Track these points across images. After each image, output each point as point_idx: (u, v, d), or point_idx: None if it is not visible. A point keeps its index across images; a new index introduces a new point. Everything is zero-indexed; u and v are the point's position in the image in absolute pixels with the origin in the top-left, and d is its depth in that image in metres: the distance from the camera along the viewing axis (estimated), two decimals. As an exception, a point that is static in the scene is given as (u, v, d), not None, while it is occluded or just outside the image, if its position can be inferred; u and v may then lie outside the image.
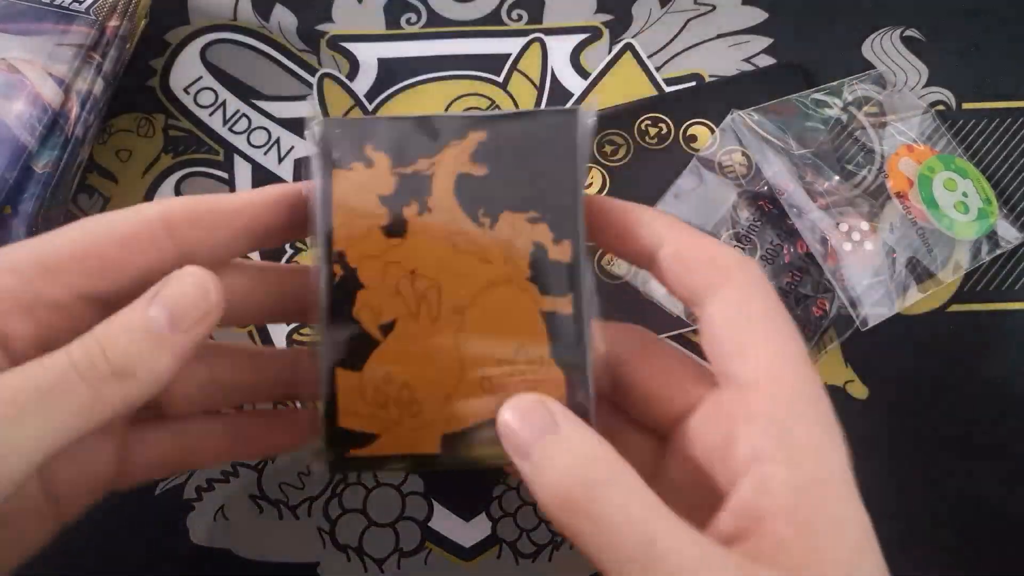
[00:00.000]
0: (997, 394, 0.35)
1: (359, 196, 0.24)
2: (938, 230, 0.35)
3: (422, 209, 0.23)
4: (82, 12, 0.35)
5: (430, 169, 0.24)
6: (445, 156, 0.24)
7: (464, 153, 0.24)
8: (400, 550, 0.33)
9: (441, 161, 0.24)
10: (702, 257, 0.23)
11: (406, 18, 0.41)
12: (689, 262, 0.23)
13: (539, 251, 0.23)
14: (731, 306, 0.23)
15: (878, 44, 0.40)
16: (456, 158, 0.24)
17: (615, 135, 0.38)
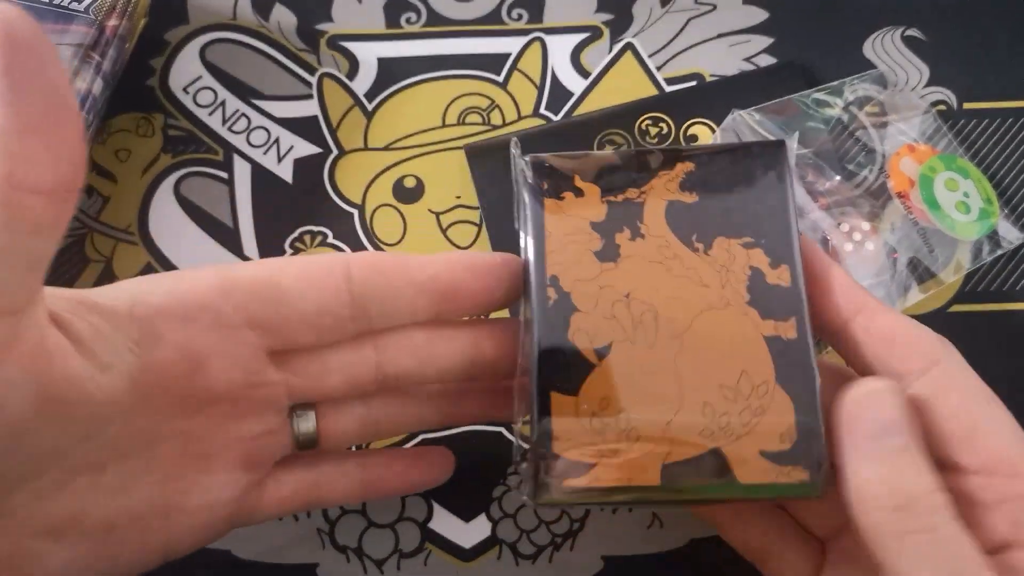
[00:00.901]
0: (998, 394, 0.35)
1: (571, 223, 0.24)
2: (939, 230, 0.35)
3: (634, 235, 0.23)
4: (81, 11, 0.35)
5: (640, 197, 0.24)
6: (654, 185, 0.24)
7: (673, 182, 0.24)
8: (400, 551, 0.33)
9: (650, 189, 0.24)
10: (902, 335, 0.23)
11: (406, 17, 0.41)
12: (886, 337, 0.23)
13: (757, 275, 0.23)
14: (944, 392, 0.22)
15: (879, 44, 0.40)
16: (665, 187, 0.24)
17: (615, 135, 0.38)
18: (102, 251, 0.37)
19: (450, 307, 0.25)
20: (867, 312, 0.23)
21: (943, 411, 0.22)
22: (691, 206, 0.24)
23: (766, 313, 0.23)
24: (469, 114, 0.39)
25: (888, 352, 0.23)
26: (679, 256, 0.23)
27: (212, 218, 0.37)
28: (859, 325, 0.23)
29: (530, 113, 0.39)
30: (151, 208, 0.38)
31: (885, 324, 0.23)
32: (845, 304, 0.23)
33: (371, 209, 0.38)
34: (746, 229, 0.23)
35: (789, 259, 0.23)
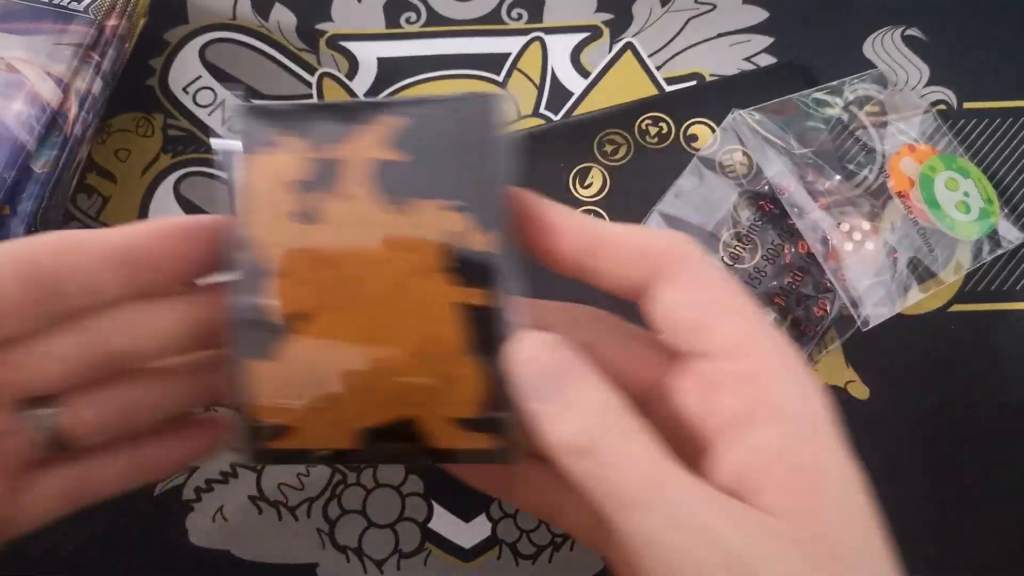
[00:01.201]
0: (999, 394, 0.35)
1: (273, 181, 0.23)
2: (939, 230, 0.35)
3: (336, 195, 0.23)
4: (81, 11, 0.35)
5: (346, 154, 0.23)
6: (362, 141, 0.23)
7: (381, 138, 0.23)
8: (400, 551, 0.33)
9: (357, 146, 0.23)
10: (639, 249, 0.23)
11: (405, 17, 0.41)
12: (626, 257, 0.23)
13: (459, 240, 0.22)
14: (684, 287, 0.22)
15: (879, 43, 0.40)
16: (373, 143, 0.23)
17: (615, 134, 0.38)
18: (102, 251, 0.37)
19: (150, 276, 0.24)
20: (601, 242, 0.23)
21: (684, 303, 0.22)
22: (397, 165, 0.23)
23: (465, 280, 0.22)
24: (469, 114, 0.39)
25: (630, 268, 0.23)
26: (381, 218, 0.22)
27: (212, 218, 0.37)
28: (599, 259, 0.23)
29: (530, 113, 0.39)
30: (151, 208, 0.38)
31: (619, 247, 0.23)
32: (575, 243, 0.23)
33: (371, 209, 0.38)
34: (452, 191, 0.22)
35: (493, 223, 0.22)
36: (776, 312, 0.35)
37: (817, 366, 0.35)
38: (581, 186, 0.37)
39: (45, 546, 0.33)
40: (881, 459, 0.34)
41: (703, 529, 0.19)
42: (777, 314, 0.35)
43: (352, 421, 0.23)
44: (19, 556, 0.32)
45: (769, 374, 0.21)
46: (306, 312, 0.22)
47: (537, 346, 0.21)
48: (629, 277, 0.23)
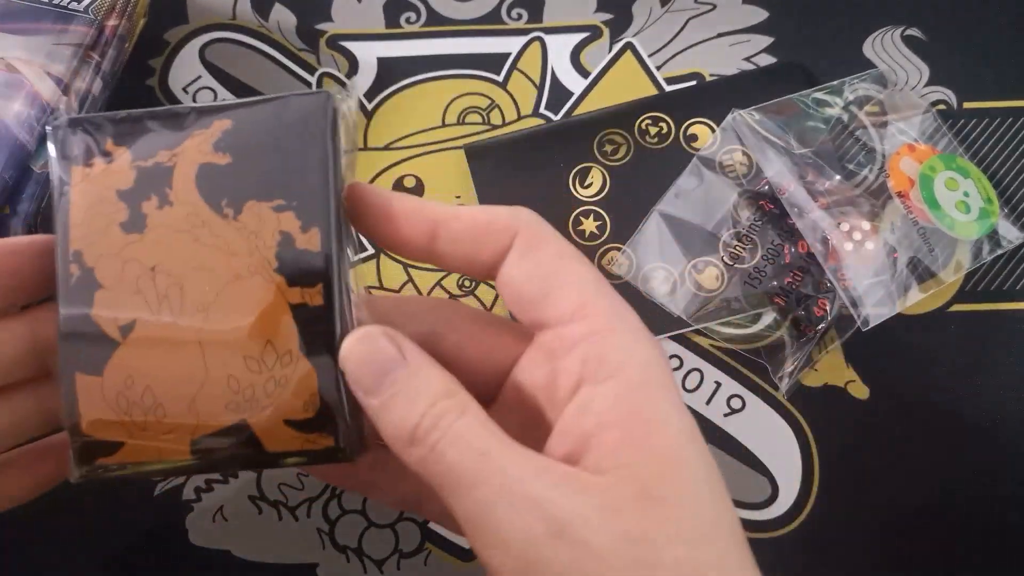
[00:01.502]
0: (999, 394, 0.35)
1: (96, 192, 0.22)
2: (939, 230, 0.35)
3: (162, 203, 0.22)
4: (80, 11, 0.35)
5: (171, 161, 0.22)
6: (187, 147, 0.23)
7: (207, 142, 0.22)
8: (400, 551, 0.33)
9: (183, 152, 0.22)
10: (478, 228, 0.23)
11: (405, 17, 0.41)
12: (467, 238, 0.23)
13: (286, 241, 0.22)
14: (524, 260, 0.23)
15: (879, 43, 0.40)
16: (198, 148, 0.22)
17: (615, 134, 0.38)
18: (102, 251, 0.37)
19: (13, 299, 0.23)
20: (442, 226, 0.23)
21: (525, 276, 0.23)
22: (223, 168, 0.22)
23: (293, 280, 0.22)
24: (469, 114, 0.39)
25: (474, 250, 0.23)
26: (208, 224, 0.22)
27: (212, 218, 0.37)
28: (441, 242, 0.23)
29: (530, 113, 0.39)
30: (151, 208, 0.38)
31: (459, 228, 0.23)
32: (416, 230, 0.23)
33: (371, 209, 0.38)
34: (279, 191, 0.22)
35: (320, 221, 0.22)
36: (776, 312, 0.35)
37: (817, 366, 0.35)
38: (581, 186, 0.37)
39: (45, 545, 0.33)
40: (880, 459, 0.34)
41: (528, 498, 0.19)
42: (777, 314, 0.35)
43: (185, 431, 0.22)
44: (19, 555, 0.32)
45: (603, 334, 0.22)
46: (134, 322, 0.22)
47: (362, 340, 0.21)
48: (476, 257, 0.23)
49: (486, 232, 0.23)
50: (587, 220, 0.37)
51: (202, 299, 0.22)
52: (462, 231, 0.23)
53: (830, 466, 0.34)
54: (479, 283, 0.36)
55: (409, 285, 0.36)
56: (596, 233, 0.37)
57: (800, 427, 0.34)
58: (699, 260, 0.36)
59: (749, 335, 0.36)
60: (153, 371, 0.22)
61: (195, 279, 0.22)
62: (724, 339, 0.36)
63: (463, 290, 0.36)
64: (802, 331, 0.35)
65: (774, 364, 0.35)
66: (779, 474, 0.34)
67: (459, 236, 0.23)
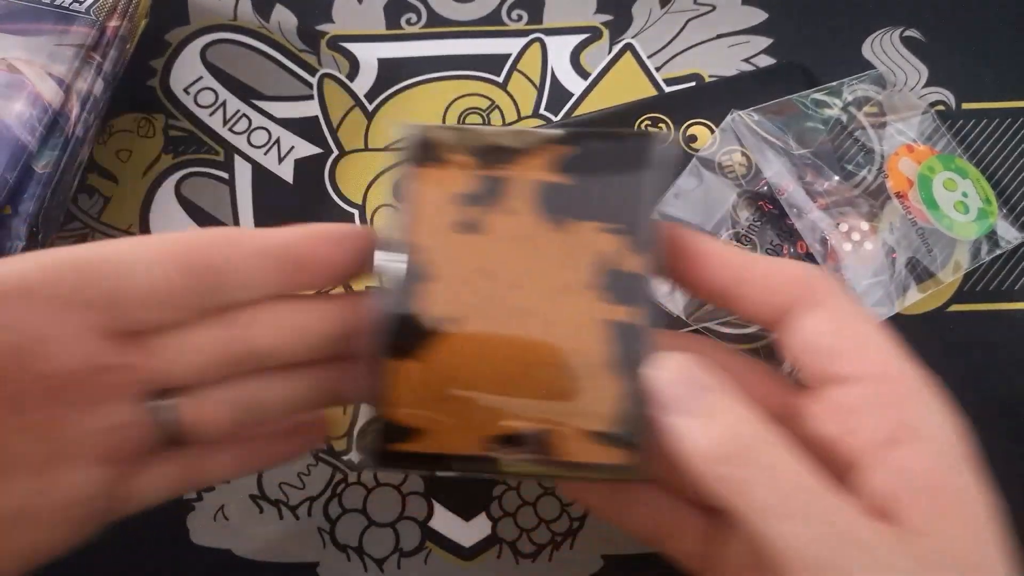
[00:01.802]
0: (998, 394, 0.35)
1: (440, 193, 0.24)
2: (938, 230, 0.35)
3: (500, 210, 0.24)
4: (82, 12, 0.36)
5: (511, 174, 0.24)
6: (526, 163, 0.24)
7: (545, 162, 0.24)
8: (400, 550, 0.33)
9: (522, 167, 0.24)
10: (781, 277, 0.24)
11: (406, 18, 0.41)
12: (769, 285, 0.24)
13: (612, 261, 0.23)
14: (822, 314, 0.23)
15: (878, 44, 0.40)
16: (538, 166, 0.24)
17: (615, 135, 0.38)
18: (103, 251, 0.37)
19: (303, 277, 0.24)
20: (747, 270, 0.24)
21: (824, 330, 0.23)
22: (560, 187, 0.24)
23: (614, 298, 0.23)
24: (469, 114, 0.39)
25: (772, 296, 0.24)
26: (540, 235, 0.24)
27: (213, 218, 0.38)
28: (743, 286, 0.24)
29: (530, 113, 0.40)
30: (152, 208, 0.38)
31: (762, 275, 0.24)
32: (723, 272, 0.24)
33: (372, 209, 0.38)
34: (609, 215, 0.24)
35: (644, 248, 0.24)
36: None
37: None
38: (581, 186, 0.38)
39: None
40: (880, 458, 0.34)
41: (858, 544, 0.20)
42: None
43: (486, 428, 0.23)
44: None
45: (910, 400, 0.22)
46: (456, 317, 0.23)
47: (680, 362, 0.22)
48: (770, 305, 0.24)
49: (788, 282, 0.24)
50: (587, 220, 0.37)
51: (528, 304, 0.23)
52: (765, 278, 0.24)
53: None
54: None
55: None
56: (596, 233, 0.37)
57: (799, 427, 0.34)
58: (698, 260, 0.36)
59: (748, 335, 0.36)
60: (470, 367, 0.23)
61: (524, 285, 0.23)
62: (723, 339, 0.36)
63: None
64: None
65: (773, 364, 0.35)
66: (778, 474, 0.34)
67: (760, 282, 0.24)
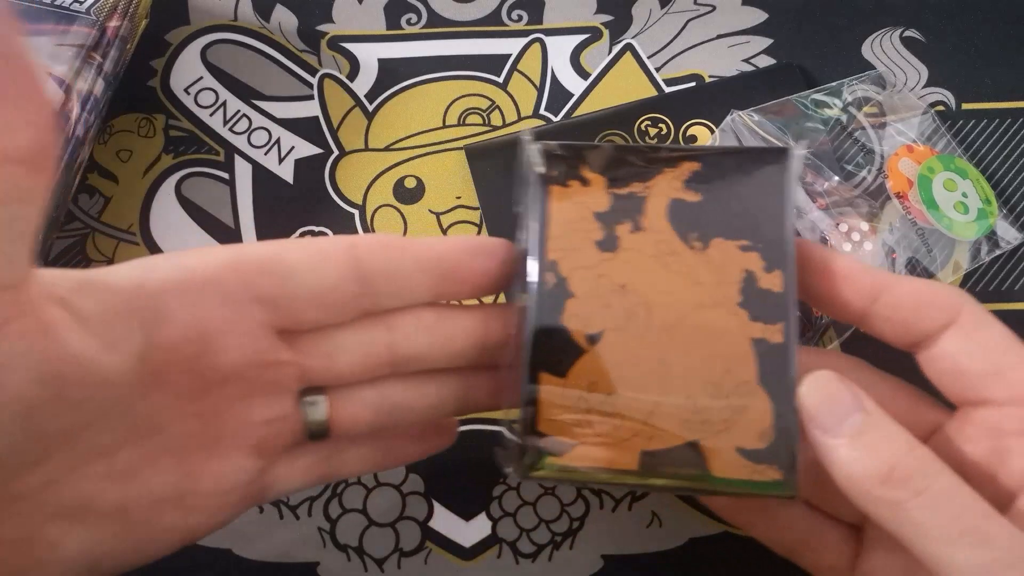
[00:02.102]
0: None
1: (574, 210, 0.24)
2: (938, 230, 0.35)
3: (635, 228, 0.24)
4: (82, 12, 0.36)
5: (645, 191, 0.24)
6: (659, 181, 0.24)
7: (678, 180, 0.24)
8: (400, 550, 0.33)
9: (655, 185, 0.24)
10: (923, 298, 0.24)
11: (406, 18, 0.41)
12: (911, 306, 0.24)
13: (750, 278, 0.23)
14: (971, 338, 0.23)
15: (878, 44, 0.40)
16: (670, 184, 0.24)
17: (615, 135, 0.38)
18: (104, 251, 0.37)
19: (451, 287, 0.25)
20: (885, 290, 0.24)
21: (971, 354, 0.23)
22: (693, 205, 0.24)
23: (755, 316, 0.23)
24: (469, 115, 0.39)
25: (912, 317, 0.24)
26: (676, 252, 0.24)
27: (213, 218, 0.38)
28: (882, 306, 0.24)
29: (530, 114, 0.40)
30: (152, 208, 0.38)
31: (904, 295, 0.24)
32: (860, 291, 0.24)
33: (372, 210, 0.38)
34: (744, 232, 0.24)
35: (782, 265, 0.24)
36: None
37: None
38: (581, 187, 0.38)
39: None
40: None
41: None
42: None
43: (637, 442, 0.23)
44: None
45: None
46: (602, 333, 0.23)
47: (828, 381, 0.22)
48: (912, 325, 0.24)
49: (931, 303, 0.24)
50: (587, 221, 0.37)
51: (667, 320, 0.23)
52: (906, 298, 0.24)
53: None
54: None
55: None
56: (596, 233, 0.37)
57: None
58: (698, 260, 0.36)
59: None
60: (615, 381, 0.23)
61: (662, 301, 0.23)
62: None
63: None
64: (800, 331, 0.35)
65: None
66: (778, 474, 0.34)
67: (903, 303, 0.24)
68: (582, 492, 0.33)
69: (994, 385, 0.23)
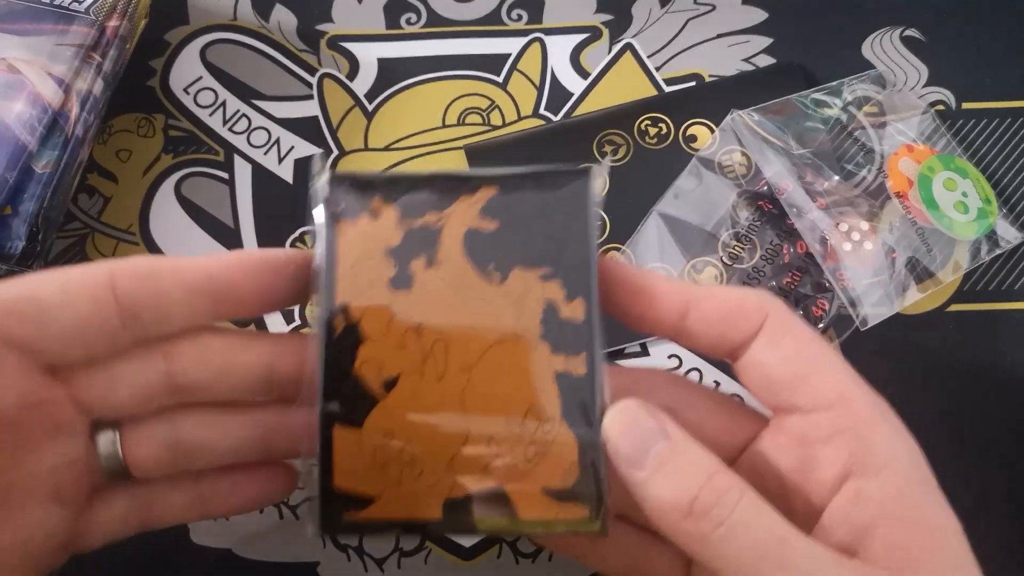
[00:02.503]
0: (997, 394, 0.35)
1: (364, 248, 0.23)
2: (938, 230, 0.35)
3: (430, 262, 0.23)
4: (82, 12, 0.36)
5: (439, 223, 0.23)
6: (455, 210, 0.23)
7: (474, 208, 0.23)
8: (400, 550, 0.33)
9: (450, 215, 0.23)
10: (729, 309, 0.23)
11: (406, 18, 0.41)
12: (718, 318, 0.23)
13: (551, 309, 0.22)
14: (776, 344, 0.23)
15: (878, 44, 0.40)
16: (466, 212, 0.23)
17: (615, 135, 0.38)
18: (103, 251, 0.37)
19: (230, 309, 0.24)
20: (693, 305, 0.23)
21: (777, 360, 0.23)
22: (490, 234, 0.23)
23: (557, 348, 0.22)
24: (469, 114, 0.39)
25: (723, 328, 0.23)
26: (474, 286, 0.23)
27: (213, 218, 0.38)
28: (692, 320, 0.24)
29: (530, 113, 0.40)
30: (152, 208, 0.38)
31: (711, 308, 0.23)
32: (670, 308, 0.24)
33: (371, 209, 0.38)
34: (544, 260, 0.23)
35: (585, 292, 0.23)
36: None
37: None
38: (581, 186, 0.38)
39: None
40: (879, 458, 0.34)
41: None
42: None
43: (440, 490, 0.22)
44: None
45: (868, 427, 0.22)
46: (397, 378, 0.22)
47: (628, 412, 0.22)
48: (723, 337, 0.23)
49: (738, 313, 0.23)
50: (587, 220, 0.37)
51: (466, 359, 0.22)
52: (714, 311, 0.23)
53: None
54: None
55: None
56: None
57: (799, 427, 0.34)
58: (698, 260, 0.36)
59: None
60: (414, 428, 0.22)
61: (460, 339, 0.22)
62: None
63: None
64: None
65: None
66: (778, 473, 0.34)
67: (711, 316, 0.23)
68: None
69: (800, 392, 0.23)
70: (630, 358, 0.35)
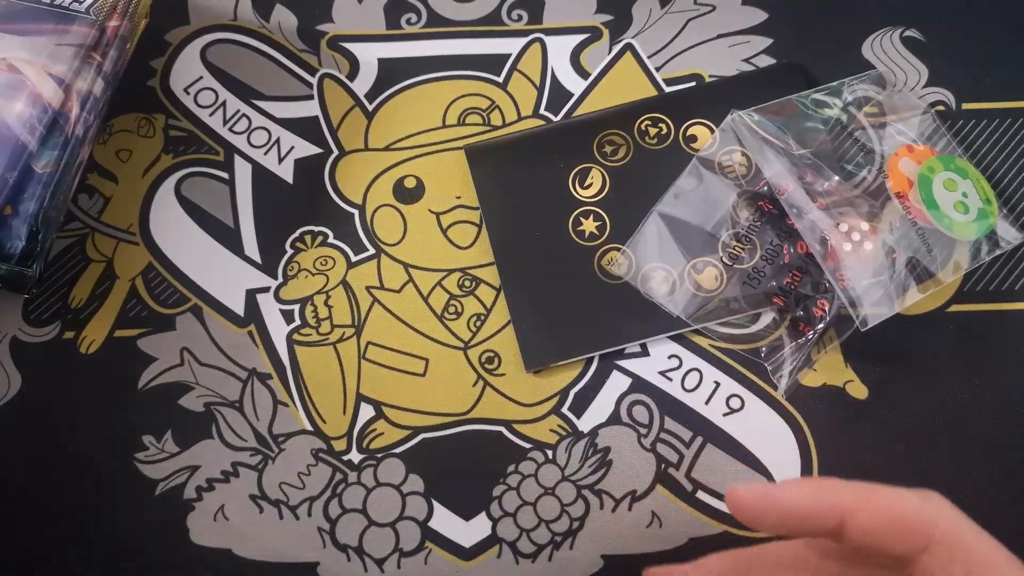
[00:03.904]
0: (997, 393, 0.35)
1: None
2: (938, 230, 0.35)
3: None
4: (82, 12, 0.36)
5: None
6: None
7: None
8: (400, 550, 0.33)
9: None
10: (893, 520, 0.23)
11: (406, 18, 0.41)
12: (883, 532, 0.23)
13: None
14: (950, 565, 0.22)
15: (878, 44, 0.40)
16: None
17: (615, 135, 0.38)
18: (103, 251, 0.37)
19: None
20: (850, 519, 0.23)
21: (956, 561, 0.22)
22: None
23: None
24: (469, 114, 0.39)
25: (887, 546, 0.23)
26: None
27: (213, 218, 0.38)
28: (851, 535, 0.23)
29: (530, 113, 0.40)
30: (152, 208, 0.38)
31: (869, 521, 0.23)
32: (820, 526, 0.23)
33: (371, 209, 0.38)
34: None
35: None
36: (775, 312, 0.36)
37: (816, 366, 0.35)
38: (581, 186, 0.38)
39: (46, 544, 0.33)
40: (879, 458, 0.34)
41: None
42: (776, 314, 0.36)
43: None
44: (20, 554, 0.33)
45: None
46: None
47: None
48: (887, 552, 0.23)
49: (900, 527, 0.22)
50: (587, 220, 0.37)
51: None
52: (874, 525, 0.22)
53: (828, 465, 0.34)
54: (479, 283, 0.36)
55: (410, 285, 0.36)
56: (596, 233, 0.37)
57: (799, 426, 0.34)
58: (698, 260, 0.36)
59: (748, 335, 0.36)
60: None
61: None
62: (723, 339, 0.36)
63: (463, 290, 0.36)
64: (801, 331, 0.35)
65: (773, 364, 0.35)
66: (777, 473, 0.34)
67: (871, 529, 0.22)
68: (582, 492, 0.33)
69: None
70: (630, 358, 0.35)
